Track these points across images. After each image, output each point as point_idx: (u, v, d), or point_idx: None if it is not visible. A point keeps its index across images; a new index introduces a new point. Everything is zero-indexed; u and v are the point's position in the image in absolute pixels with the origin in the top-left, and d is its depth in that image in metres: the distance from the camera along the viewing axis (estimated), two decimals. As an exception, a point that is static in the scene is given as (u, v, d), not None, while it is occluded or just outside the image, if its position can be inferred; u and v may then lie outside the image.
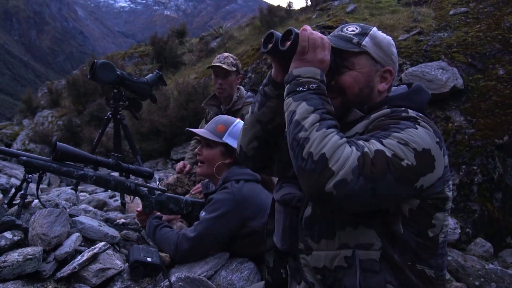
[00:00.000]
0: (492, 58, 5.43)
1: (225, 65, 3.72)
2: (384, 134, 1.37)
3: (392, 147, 1.32)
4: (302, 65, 1.48)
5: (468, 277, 3.56)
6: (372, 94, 1.64)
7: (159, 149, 8.89)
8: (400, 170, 1.31)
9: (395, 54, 1.70)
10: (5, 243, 2.15)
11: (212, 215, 2.47)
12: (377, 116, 1.51)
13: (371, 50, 1.63)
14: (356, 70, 1.62)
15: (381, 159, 1.29)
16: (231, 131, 2.68)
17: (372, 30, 1.68)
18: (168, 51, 14.46)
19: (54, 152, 2.50)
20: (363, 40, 1.63)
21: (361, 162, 1.26)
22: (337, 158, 1.26)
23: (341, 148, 1.28)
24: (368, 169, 1.26)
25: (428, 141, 1.38)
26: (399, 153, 1.31)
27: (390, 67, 1.66)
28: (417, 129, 1.39)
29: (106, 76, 3.66)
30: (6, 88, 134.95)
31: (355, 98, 1.62)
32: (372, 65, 1.63)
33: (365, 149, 1.30)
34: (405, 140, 1.34)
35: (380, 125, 1.45)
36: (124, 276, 2.23)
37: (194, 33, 30.72)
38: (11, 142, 13.77)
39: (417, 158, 1.33)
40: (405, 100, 1.60)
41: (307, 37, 1.49)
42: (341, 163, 1.25)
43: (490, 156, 4.48)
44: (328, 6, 10.68)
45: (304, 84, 1.44)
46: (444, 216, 1.48)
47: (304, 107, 1.39)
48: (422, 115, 1.49)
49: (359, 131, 1.52)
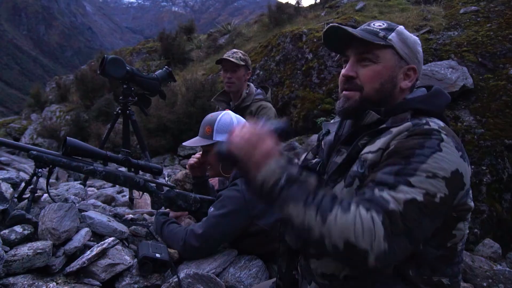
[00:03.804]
0: (502, 57, 5.39)
1: (233, 59, 3.72)
2: (410, 169, 1.30)
3: (422, 185, 1.27)
4: (257, 170, 1.33)
5: (476, 278, 3.54)
6: (394, 91, 1.60)
7: (166, 145, 8.91)
8: (435, 208, 1.27)
9: (421, 54, 1.67)
10: (15, 237, 2.16)
11: (220, 211, 2.47)
12: (398, 131, 1.44)
13: (397, 45, 1.59)
14: (380, 63, 1.58)
15: (413, 209, 1.24)
16: (217, 129, 2.67)
17: (399, 27, 1.65)
18: (176, 47, 14.47)
19: (64, 147, 2.51)
20: (390, 34, 1.60)
21: (388, 225, 1.20)
22: (361, 237, 1.18)
23: (357, 223, 1.20)
24: (399, 227, 1.21)
25: (454, 161, 1.34)
26: (430, 189, 1.27)
27: (415, 65, 1.63)
28: (442, 151, 1.34)
29: (116, 72, 3.66)
30: (14, 82, 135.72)
31: (376, 94, 1.59)
32: (397, 60, 1.60)
33: (389, 206, 1.22)
34: (433, 172, 1.29)
35: (403, 148, 1.37)
36: (133, 271, 2.23)
37: (202, 30, 30.69)
38: (19, 136, 13.86)
39: (448, 186, 1.30)
40: (425, 104, 1.55)
41: (240, 144, 1.38)
42: (368, 239, 1.18)
43: (499, 156, 4.45)
44: (337, 3, 10.64)
45: (274, 189, 1.30)
46: (465, 225, 1.46)
47: (295, 209, 1.27)
48: (443, 125, 1.45)
49: (381, 147, 1.44)
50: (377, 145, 1.45)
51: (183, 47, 14.66)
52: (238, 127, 1.44)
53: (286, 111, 7.53)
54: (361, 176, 1.45)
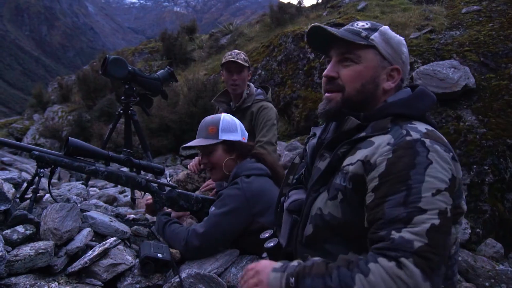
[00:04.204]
0: (504, 57, 5.37)
1: (239, 60, 3.68)
2: (414, 193, 1.28)
3: (432, 205, 1.26)
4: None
5: (478, 278, 3.53)
6: (376, 92, 1.58)
7: (168, 145, 8.91)
8: (450, 222, 1.29)
9: (406, 54, 1.64)
10: (17, 237, 2.17)
11: (221, 210, 2.47)
12: (378, 145, 1.42)
13: (379, 45, 1.57)
14: (361, 64, 1.56)
15: (436, 236, 1.23)
16: (222, 127, 2.68)
17: (383, 27, 1.63)
18: (178, 47, 14.48)
19: (66, 147, 2.51)
20: (372, 34, 1.59)
21: (424, 264, 1.19)
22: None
23: (386, 279, 1.19)
24: (434, 260, 1.20)
25: (447, 168, 1.34)
26: (441, 206, 1.27)
27: (399, 66, 1.60)
28: (433, 163, 1.32)
29: (118, 72, 3.66)
30: (16, 83, 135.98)
31: (357, 94, 1.57)
32: (379, 60, 1.58)
33: (415, 245, 1.21)
34: (435, 188, 1.28)
35: (395, 171, 1.33)
36: (134, 271, 2.24)
37: (203, 30, 30.68)
38: (22, 137, 13.89)
39: (451, 193, 1.31)
40: (406, 108, 1.52)
41: None
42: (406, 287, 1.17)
43: (501, 156, 4.44)
44: (339, 3, 10.62)
45: None
46: (456, 229, 1.45)
47: None
48: (424, 131, 1.41)
49: (360, 158, 1.42)
50: (357, 156, 1.44)
51: (185, 47, 14.68)
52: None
53: (287, 111, 7.53)
54: (344, 189, 1.45)
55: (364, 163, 1.40)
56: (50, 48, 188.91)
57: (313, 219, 1.54)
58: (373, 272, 1.20)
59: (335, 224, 1.47)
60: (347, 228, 1.45)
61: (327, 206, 1.49)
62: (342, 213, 1.45)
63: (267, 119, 3.61)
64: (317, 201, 1.55)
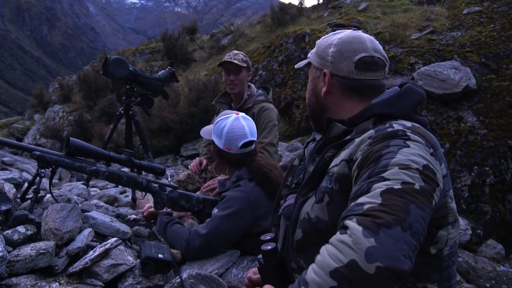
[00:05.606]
0: (506, 58, 5.37)
1: (236, 61, 3.69)
2: (381, 166, 1.23)
3: (397, 176, 1.18)
4: None
5: (479, 279, 3.53)
6: (319, 100, 1.70)
7: (169, 145, 8.90)
8: (417, 194, 1.15)
9: (333, 53, 1.62)
10: (18, 237, 2.17)
11: (224, 212, 2.47)
12: (361, 141, 1.40)
13: (311, 60, 1.73)
14: (308, 81, 1.76)
15: (393, 197, 1.13)
16: (214, 128, 2.71)
17: (324, 39, 1.71)
18: (179, 48, 14.47)
19: (67, 147, 2.52)
20: (310, 52, 1.75)
21: (367, 221, 1.07)
22: (341, 254, 1.05)
23: (330, 250, 1.09)
24: (383, 218, 1.07)
25: (424, 156, 1.26)
26: (406, 179, 1.17)
27: (326, 69, 1.64)
28: (409, 146, 1.27)
29: (119, 72, 3.66)
30: (17, 83, 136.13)
31: (310, 109, 1.77)
32: (315, 72, 1.72)
33: (364, 207, 1.12)
34: (404, 164, 1.21)
35: (370, 155, 1.30)
36: (135, 272, 2.24)
37: (204, 30, 30.73)
38: (22, 137, 13.90)
39: (423, 178, 1.20)
40: (388, 107, 1.50)
41: None
42: (348, 249, 1.05)
43: (502, 157, 4.44)
44: (340, 4, 10.62)
45: None
46: (448, 230, 1.38)
47: None
48: (409, 125, 1.39)
49: (344, 158, 1.41)
50: (341, 157, 1.45)
51: (186, 47, 14.66)
52: None
53: (288, 111, 7.52)
54: (330, 191, 1.44)
55: (347, 162, 1.41)
56: (51, 48, 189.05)
57: (302, 224, 1.54)
58: (321, 251, 1.12)
59: (322, 227, 1.46)
60: (334, 230, 1.39)
61: (314, 209, 1.49)
62: (329, 215, 1.44)
63: (268, 121, 3.62)
64: (305, 205, 1.55)
